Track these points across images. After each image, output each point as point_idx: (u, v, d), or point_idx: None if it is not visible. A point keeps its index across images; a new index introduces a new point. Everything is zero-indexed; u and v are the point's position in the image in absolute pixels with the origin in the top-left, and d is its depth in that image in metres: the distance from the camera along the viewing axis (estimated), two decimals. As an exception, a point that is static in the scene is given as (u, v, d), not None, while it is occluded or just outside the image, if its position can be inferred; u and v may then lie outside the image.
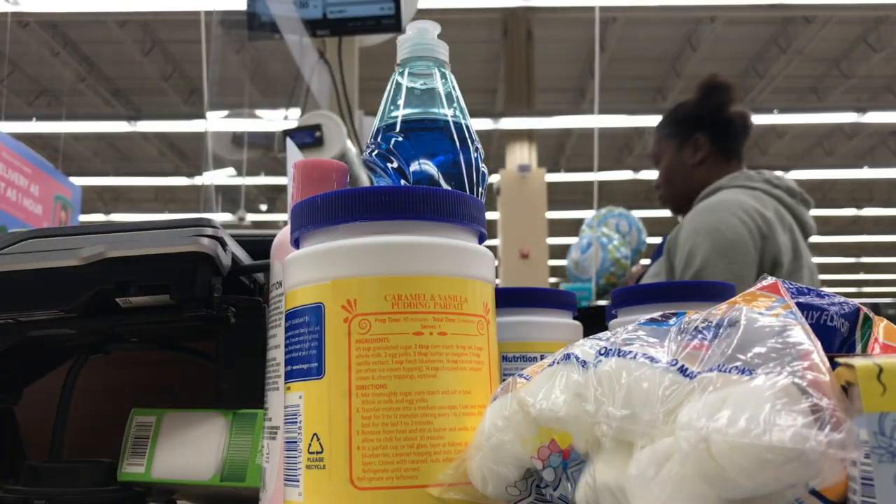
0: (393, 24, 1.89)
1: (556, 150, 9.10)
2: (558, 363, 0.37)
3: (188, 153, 8.82)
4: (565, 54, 7.09)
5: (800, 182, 1.68)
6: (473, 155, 0.50)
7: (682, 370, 0.33)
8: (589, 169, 4.01)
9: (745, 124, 1.68)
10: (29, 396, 0.64)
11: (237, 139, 2.75)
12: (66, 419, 0.59)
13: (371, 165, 0.50)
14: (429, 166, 0.49)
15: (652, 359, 0.34)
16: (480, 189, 0.51)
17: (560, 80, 7.68)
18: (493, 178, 6.02)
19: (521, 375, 0.39)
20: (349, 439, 0.38)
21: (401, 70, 0.51)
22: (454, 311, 0.40)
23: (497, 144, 7.86)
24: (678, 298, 0.60)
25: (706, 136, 1.64)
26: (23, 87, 7.44)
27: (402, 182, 0.49)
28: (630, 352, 0.35)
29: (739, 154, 1.67)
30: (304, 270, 0.41)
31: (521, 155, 6.58)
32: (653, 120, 1.95)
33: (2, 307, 0.51)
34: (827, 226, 11.33)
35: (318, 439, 0.39)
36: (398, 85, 0.51)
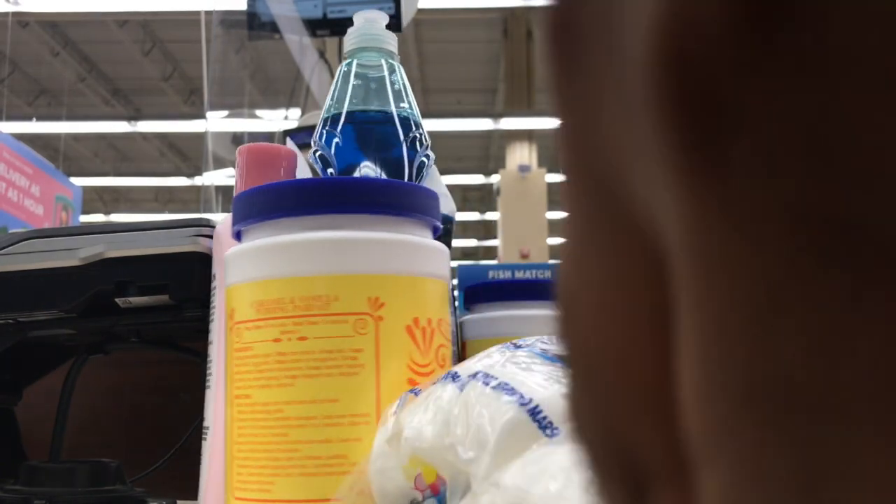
0: (393, 23, 1.89)
1: (557, 150, 9.08)
2: (440, 382, 0.33)
3: (188, 153, 8.82)
4: (565, 54, 7.07)
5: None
6: (419, 147, 0.49)
7: (534, 412, 0.27)
8: (589, 169, 4.00)
9: None
10: (29, 396, 0.64)
11: (237, 139, 2.75)
12: (66, 419, 0.59)
13: (314, 167, 0.50)
14: (369, 169, 0.48)
15: (511, 391, 0.28)
16: (422, 179, 0.50)
17: (560, 79, 7.67)
18: (493, 178, 6.02)
19: (414, 391, 0.35)
20: (232, 449, 0.39)
21: (348, 61, 0.50)
22: (318, 312, 0.37)
23: (497, 144, 7.86)
24: (537, 296, 0.58)
25: None
26: (23, 88, 7.44)
27: None
28: (493, 378, 0.29)
29: None
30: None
31: (521, 155, 6.58)
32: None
33: (1, 307, 0.51)
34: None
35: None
36: (345, 76, 0.50)
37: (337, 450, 0.36)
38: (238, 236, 0.42)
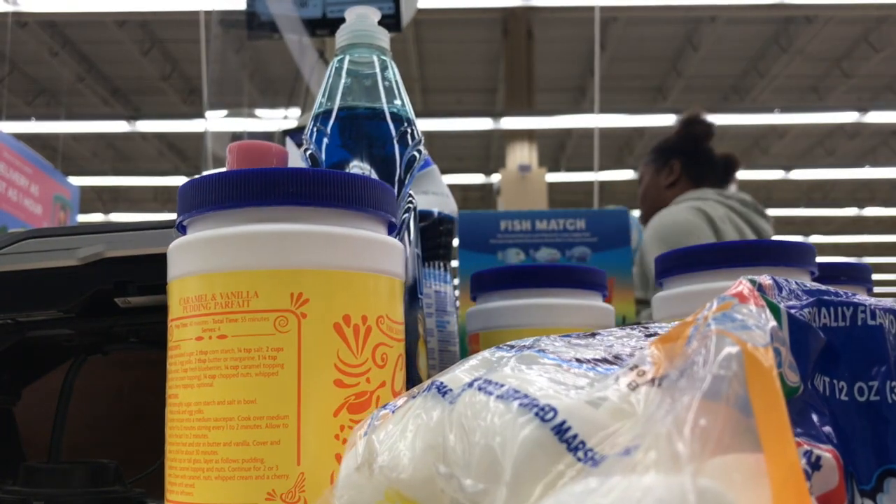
0: (393, 23, 1.89)
1: (557, 149, 9.10)
2: (421, 395, 0.27)
3: (187, 153, 8.82)
4: (565, 54, 7.08)
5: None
6: (409, 142, 0.48)
7: (561, 430, 0.21)
8: (589, 169, 4.01)
9: (715, 160, 1.86)
10: (28, 397, 0.63)
11: (236, 139, 2.75)
12: (65, 420, 0.59)
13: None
14: (358, 167, 0.47)
15: (525, 399, 0.22)
16: (412, 174, 0.49)
17: (560, 79, 7.68)
18: (494, 178, 6.02)
19: (389, 408, 0.29)
20: (166, 450, 0.38)
21: (339, 57, 0.50)
22: (238, 309, 0.35)
23: (497, 144, 7.86)
24: (544, 284, 0.57)
25: (679, 162, 1.87)
26: (22, 87, 7.43)
27: None
28: (496, 384, 0.23)
29: (709, 183, 1.85)
30: None
31: (521, 155, 6.58)
32: (653, 120, 2.01)
33: (0, 307, 0.51)
34: (828, 226, 11.33)
35: None
36: (336, 72, 0.49)
37: (254, 453, 0.34)
38: (182, 230, 0.40)
